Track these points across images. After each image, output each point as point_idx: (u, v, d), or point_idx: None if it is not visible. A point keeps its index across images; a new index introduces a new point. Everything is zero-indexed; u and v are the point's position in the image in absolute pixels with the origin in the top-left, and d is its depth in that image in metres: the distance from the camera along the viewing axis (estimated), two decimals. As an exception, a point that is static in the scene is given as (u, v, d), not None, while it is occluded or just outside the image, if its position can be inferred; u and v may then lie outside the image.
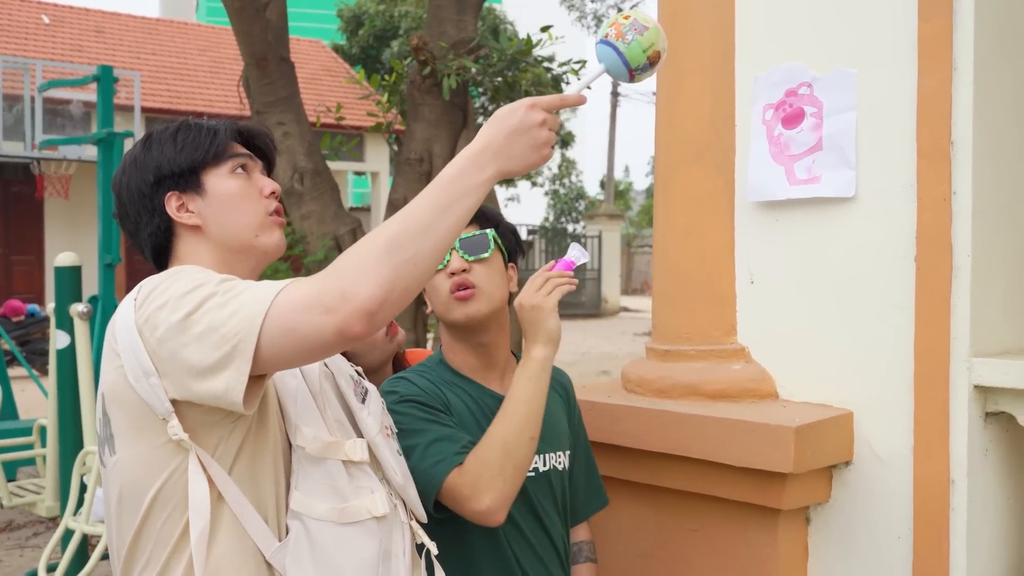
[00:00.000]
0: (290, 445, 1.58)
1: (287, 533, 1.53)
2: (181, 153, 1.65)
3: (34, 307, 13.90)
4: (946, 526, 2.01)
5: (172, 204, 1.64)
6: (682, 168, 2.44)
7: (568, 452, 2.07)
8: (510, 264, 2.04)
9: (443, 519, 1.81)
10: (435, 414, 1.87)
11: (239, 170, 1.68)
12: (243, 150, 1.70)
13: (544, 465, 1.99)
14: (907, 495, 2.07)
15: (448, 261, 1.92)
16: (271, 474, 1.54)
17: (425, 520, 1.69)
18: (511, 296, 2.02)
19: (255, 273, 1.68)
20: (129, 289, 1.58)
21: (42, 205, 18.92)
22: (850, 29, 2.16)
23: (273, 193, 1.69)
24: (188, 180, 1.65)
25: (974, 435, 2.01)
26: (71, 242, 18.63)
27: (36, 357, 12.07)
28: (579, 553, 2.13)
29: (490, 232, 1.96)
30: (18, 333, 12.24)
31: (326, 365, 1.65)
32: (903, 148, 2.07)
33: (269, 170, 1.76)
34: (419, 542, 1.66)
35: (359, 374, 1.74)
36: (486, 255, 1.93)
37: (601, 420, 2.34)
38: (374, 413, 1.66)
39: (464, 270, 1.91)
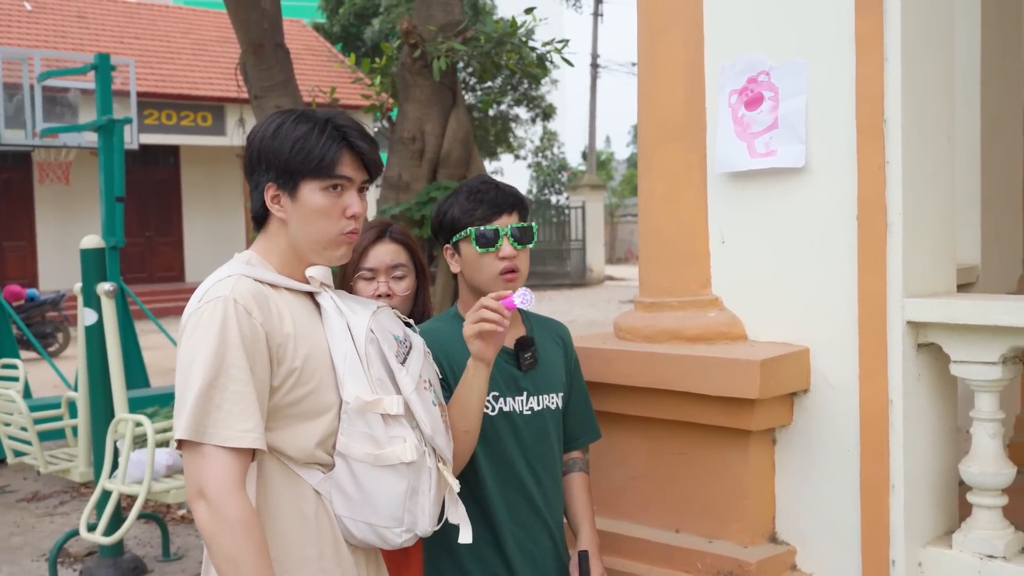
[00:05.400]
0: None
1: (333, 468, 1.85)
2: (294, 156, 1.82)
3: (33, 291, 14.12)
4: (886, 440, 2.40)
5: (269, 193, 1.85)
6: (661, 145, 2.82)
7: (562, 394, 2.43)
8: None
9: None
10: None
11: (332, 188, 1.84)
12: (347, 171, 1.85)
13: (539, 405, 2.35)
14: (854, 415, 2.46)
15: (500, 246, 2.22)
16: (310, 424, 1.81)
17: (452, 463, 1.96)
18: None
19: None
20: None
21: (32, 191, 19.07)
22: (800, 25, 2.53)
23: (355, 216, 1.87)
24: (288, 181, 1.84)
25: (908, 363, 2.40)
26: (62, 227, 18.83)
27: (38, 340, 12.37)
28: (573, 465, 2.50)
29: (535, 225, 2.31)
30: (19, 317, 12.49)
31: (372, 331, 1.85)
32: (845, 125, 2.44)
33: (372, 180, 1.92)
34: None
35: (409, 327, 2.02)
36: (532, 245, 2.29)
37: (598, 363, 2.72)
38: (412, 373, 1.88)
39: (513, 256, 2.24)
